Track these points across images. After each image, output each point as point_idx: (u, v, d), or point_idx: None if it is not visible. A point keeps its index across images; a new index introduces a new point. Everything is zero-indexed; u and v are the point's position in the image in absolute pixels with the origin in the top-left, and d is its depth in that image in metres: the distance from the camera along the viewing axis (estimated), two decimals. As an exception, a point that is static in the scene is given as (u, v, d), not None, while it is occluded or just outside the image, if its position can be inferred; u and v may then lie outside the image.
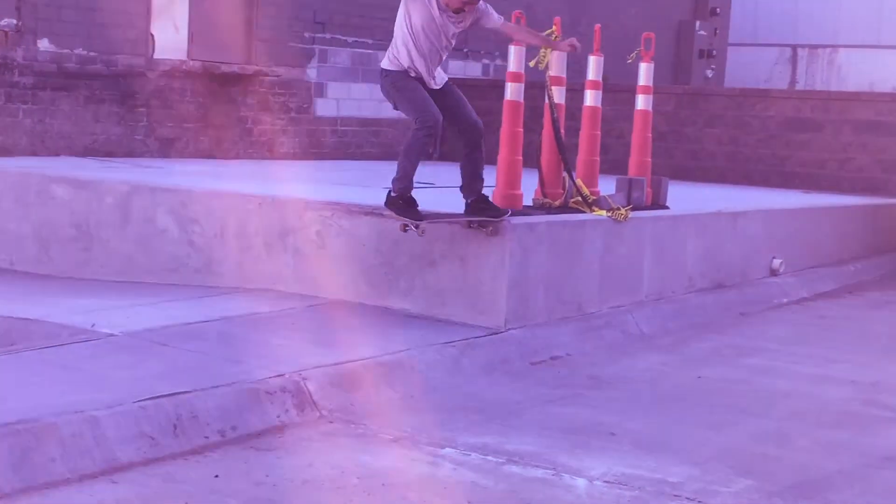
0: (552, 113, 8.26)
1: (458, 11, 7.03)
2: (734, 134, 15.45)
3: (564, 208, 8.36)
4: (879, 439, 6.01)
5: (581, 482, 5.11)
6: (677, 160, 15.41)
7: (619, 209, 8.48)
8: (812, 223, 11.27)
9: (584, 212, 8.36)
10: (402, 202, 7.21)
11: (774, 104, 15.26)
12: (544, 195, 8.38)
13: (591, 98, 8.83)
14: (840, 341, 8.49)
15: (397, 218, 7.31)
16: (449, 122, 7.20)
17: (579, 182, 8.50)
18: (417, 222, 7.24)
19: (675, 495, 4.98)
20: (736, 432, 6.04)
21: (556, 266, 7.92)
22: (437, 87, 7.18)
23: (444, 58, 7.17)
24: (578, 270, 8.14)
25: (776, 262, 10.33)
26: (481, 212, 7.40)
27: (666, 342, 8.13)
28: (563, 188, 8.42)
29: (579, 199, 8.40)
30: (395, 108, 7.34)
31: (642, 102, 9.37)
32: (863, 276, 11.29)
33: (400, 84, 7.11)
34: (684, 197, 10.39)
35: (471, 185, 7.35)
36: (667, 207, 9.39)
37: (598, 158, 8.93)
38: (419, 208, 7.29)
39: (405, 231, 7.38)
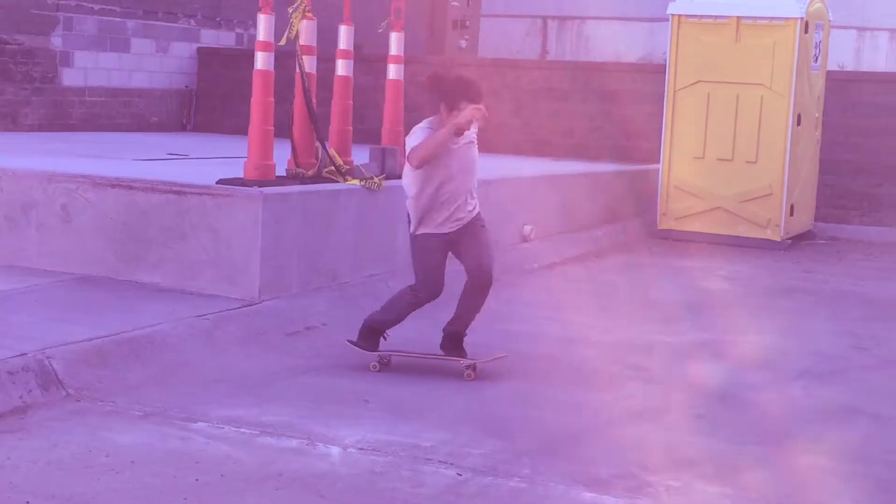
0: (303, 82, 8.22)
1: (459, 134, 6.45)
2: (486, 103, 15.69)
3: (318, 178, 8.34)
4: (622, 397, 6.25)
5: (335, 450, 5.13)
6: (432, 130, 15.57)
7: (372, 178, 8.52)
8: (561, 190, 11.60)
9: (337, 181, 8.36)
10: (367, 331, 6.66)
11: (525, 74, 15.62)
12: (297, 165, 8.34)
13: (342, 68, 8.83)
14: (587, 304, 8.78)
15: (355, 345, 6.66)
16: (464, 262, 6.65)
17: (332, 152, 8.49)
18: (369, 352, 6.59)
19: (428, 459, 5.06)
20: (488, 396, 6.18)
21: (310, 236, 7.90)
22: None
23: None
24: (333, 240, 8.15)
25: (527, 229, 10.59)
26: (452, 350, 6.66)
27: (421, 309, 8.20)
28: (317, 158, 8.40)
29: (333, 168, 8.40)
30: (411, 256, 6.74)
31: (394, 72, 9.42)
32: (608, 240, 11.70)
33: (418, 245, 6.62)
34: (438, 166, 10.52)
35: (461, 317, 6.68)
36: (420, 176, 9.48)
37: (351, 128, 8.95)
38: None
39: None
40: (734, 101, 11.87)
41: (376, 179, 8.53)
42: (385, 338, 6.69)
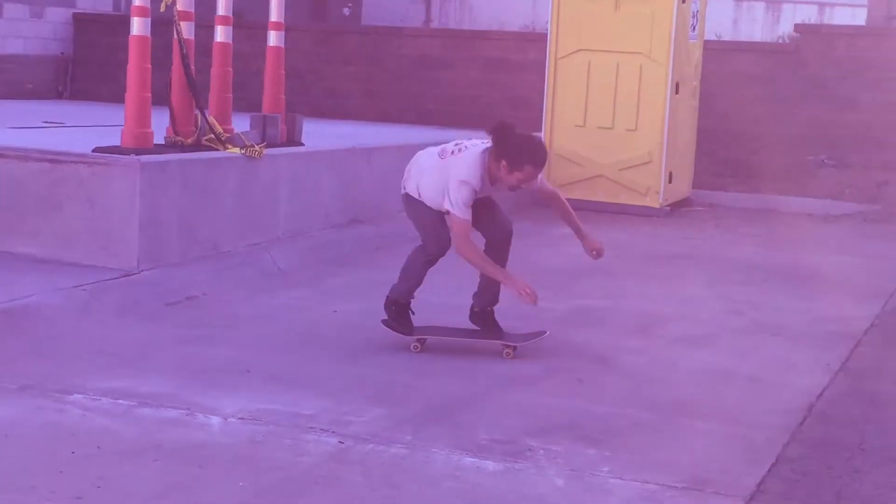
0: (181, 49, 8.09)
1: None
2: (370, 72, 15.67)
3: (197, 146, 8.22)
4: (503, 362, 6.30)
5: (215, 420, 5.09)
6: (316, 98, 15.48)
7: (253, 146, 8.43)
8: (444, 158, 11.60)
9: (217, 150, 8.26)
10: (395, 308, 6.54)
11: (408, 42, 15.59)
12: (176, 133, 8.21)
13: (221, 34, 8.70)
14: (467, 272, 8.78)
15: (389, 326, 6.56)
16: (482, 231, 6.53)
17: (212, 119, 8.38)
18: (408, 336, 6.46)
19: (310, 427, 5.04)
20: (371, 364, 6.18)
21: (189, 205, 7.80)
22: None
23: None
24: (213, 209, 8.06)
25: (410, 197, 10.56)
26: (487, 328, 6.57)
27: (303, 278, 8.19)
28: (196, 126, 8.28)
29: (212, 136, 8.29)
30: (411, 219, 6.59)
31: (274, 39, 9.32)
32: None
33: (419, 207, 6.43)
34: (321, 134, 10.46)
35: (490, 287, 6.57)
36: (302, 144, 9.42)
37: (231, 96, 8.84)
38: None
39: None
40: (614, 69, 11.99)
41: (257, 148, 8.45)
42: (413, 312, 6.58)
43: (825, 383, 6.13)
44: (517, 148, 6.16)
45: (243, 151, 8.32)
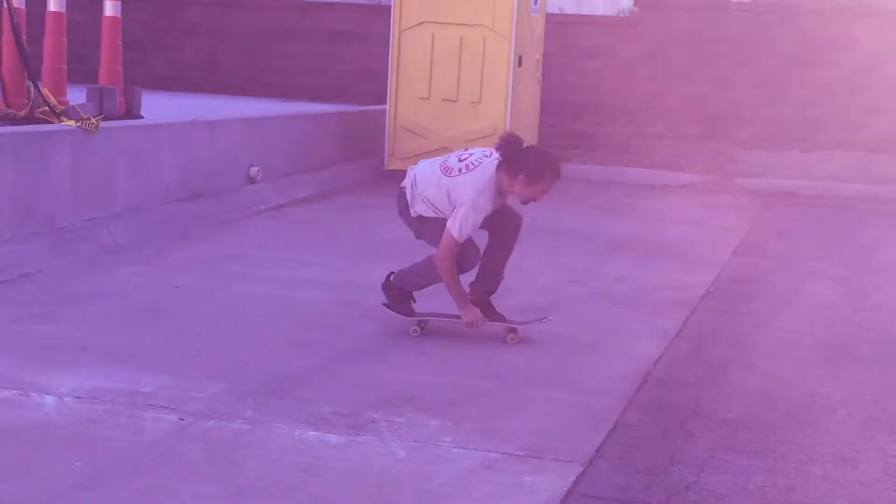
0: (12, 18, 7.84)
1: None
2: (214, 44, 15.45)
3: (30, 119, 8.01)
4: (347, 336, 6.29)
5: (50, 400, 4.96)
6: (156, 70, 15.20)
7: (89, 119, 8.22)
8: (289, 131, 11.52)
9: (52, 122, 8.04)
10: (397, 292, 6.45)
11: (252, 14, 15.40)
12: (8, 105, 7.98)
13: (54, 3, 8.46)
14: (314, 245, 8.78)
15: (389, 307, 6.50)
16: (493, 226, 6.39)
17: (45, 91, 8.15)
18: (407, 317, 6.43)
19: (149, 405, 4.95)
20: (212, 339, 6.10)
21: (22, 180, 7.56)
22: None
23: None
24: (48, 184, 7.83)
25: (254, 170, 10.47)
26: (490, 317, 6.43)
27: (143, 254, 8.04)
28: (29, 98, 8.05)
29: (46, 109, 8.06)
30: (419, 236, 6.44)
31: (110, 9, 9.11)
32: (336, 181, 11.71)
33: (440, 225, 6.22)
34: (162, 107, 10.28)
35: (493, 272, 6.50)
36: (141, 117, 9.23)
37: (66, 67, 8.61)
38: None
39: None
40: (458, 42, 12.03)
41: (93, 120, 8.24)
42: (415, 300, 6.50)
43: (662, 350, 6.28)
44: (536, 161, 6.15)
45: (79, 124, 8.11)
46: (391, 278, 6.54)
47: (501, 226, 6.41)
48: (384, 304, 6.51)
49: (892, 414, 5.38)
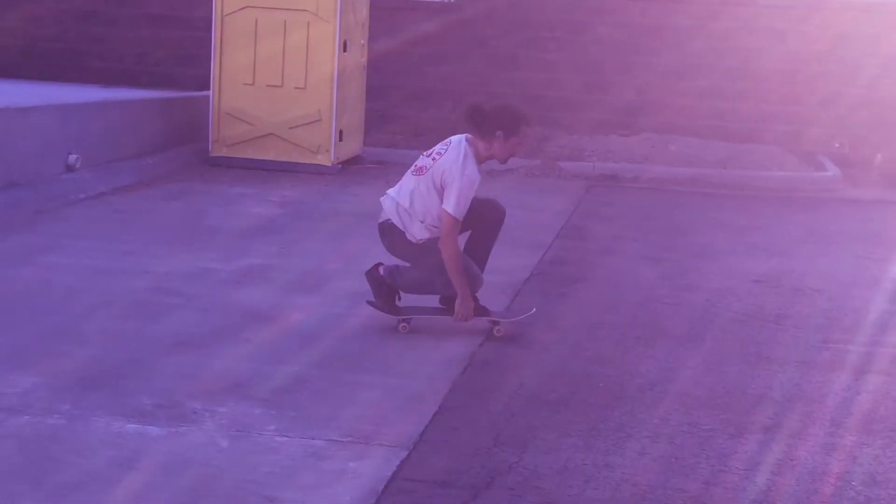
0: None
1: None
2: (28, 27, 14.98)
3: None
4: (168, 326, 6.17)
5: None
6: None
7: None
8: (109, 118, 11.23)
9: None
10: (385, 288, 6.28)
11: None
12: None
13: None
14: (136, 234, 8.58)
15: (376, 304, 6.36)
16: (476, 221, 6.33)
17: None
18: (394, 315, 6.32)
19: (-41, 402, 4.79)
20: (27, 333, 5.91)
21: None
22: None
23: None
24: None
25: (72, 158, 10.18)
26: (477, 311, 6.33)
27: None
28: None
29: None
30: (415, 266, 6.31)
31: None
32: (160, 168, 11.46)
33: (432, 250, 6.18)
34: (-28, 93, 9.91)
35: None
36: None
37: None
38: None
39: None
40: (282, 27, 11.90)
41: None
42: (400, 297, 6.37)
43: (486, 332, 6.34)
44: (507, 115, 6.22)
45: None
46: (380, 270, 6.41)
47: (483, 218, 6.42)
48: (368, 302, 6.41)
49: (707, 389, 5.55)
